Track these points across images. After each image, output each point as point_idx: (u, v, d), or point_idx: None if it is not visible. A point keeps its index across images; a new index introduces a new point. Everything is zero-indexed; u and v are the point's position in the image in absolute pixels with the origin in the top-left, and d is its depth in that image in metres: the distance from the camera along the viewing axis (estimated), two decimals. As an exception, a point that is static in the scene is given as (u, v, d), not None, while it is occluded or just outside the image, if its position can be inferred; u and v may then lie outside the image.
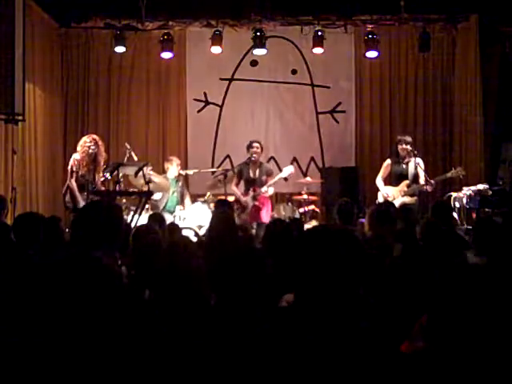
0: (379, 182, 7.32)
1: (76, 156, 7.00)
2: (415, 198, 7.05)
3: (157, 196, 7.51)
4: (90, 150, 6.93)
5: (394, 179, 7.25)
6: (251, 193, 7.56)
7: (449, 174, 7.25)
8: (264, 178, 7.65)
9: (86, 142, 6.98)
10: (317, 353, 1.55)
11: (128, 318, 1.78)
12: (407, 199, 7.01)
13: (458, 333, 1.77)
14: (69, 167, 7.03)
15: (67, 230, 4.94)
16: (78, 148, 7.05)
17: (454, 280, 1.88)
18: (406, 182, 7.07)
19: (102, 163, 7.07)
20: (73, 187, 6.92)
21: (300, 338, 1.59)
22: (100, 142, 7.09)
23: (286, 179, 8.14)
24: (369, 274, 1.76)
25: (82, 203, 6.75)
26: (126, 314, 1.76)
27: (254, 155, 7.60)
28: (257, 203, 7.54)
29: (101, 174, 6.94)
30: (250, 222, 7.45)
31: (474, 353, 1.73)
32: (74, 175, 6.93)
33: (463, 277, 1.87)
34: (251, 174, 7.66)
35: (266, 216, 7.57)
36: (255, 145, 7.67)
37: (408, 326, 2.21)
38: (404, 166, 7.13)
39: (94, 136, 7.16)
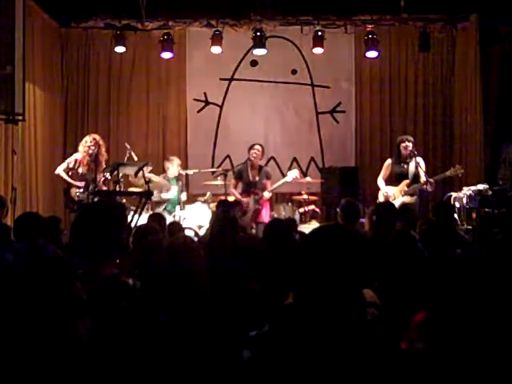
0: (380, 182, 7.32)
1: (77, 156, 7.09)
2: (415, 197, 7.05)
3: (167, 195, 7.60)
4: (90, 151, 7.01)
5: (394, 179, 7.26)
6: (253, 196, 7.53)
7: (448, 173, 7.25)
8: (264, 181, 7.65)
9: (86, 142, 7.09)
10: (321, 350, 1.56)
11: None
12: (407, 199, 7.01)
13: (460, 330, 1.77)
14: (66, 160, 7.14)
15: (65, 231, 4.96)
16: (80, 148, 7.15)
17: (454, 278, 1.88)
18: (407, 181, 7.07)
19: (103, 163, 7.13)
20: (60, 174, 7.08)
21: (303, 337, 1.59)
22: (101, 142, 7.16)
23: (287, 180, 8.15)
24: (374, 273, 1.76)
25: (77, 184, 6.86)
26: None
27: (254, 155, 7.59)
28: (259, 206, 7.54)
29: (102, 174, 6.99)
30: (251, 223, 7.45)
31: (475, 351, 1.73)
32: (66, 169, 7.05)
33: (463, 274, 1.87)
34: (251, 178, 7.64)
35: (265, 215, 7.58)
36: (256, 147, 7.68)
37: (407, 323, 2.22)
38: (405, 165, 7.13)
39: (95, 136, 7.23)
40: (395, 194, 7.08)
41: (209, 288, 2.21)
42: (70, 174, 7.10)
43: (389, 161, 7.40)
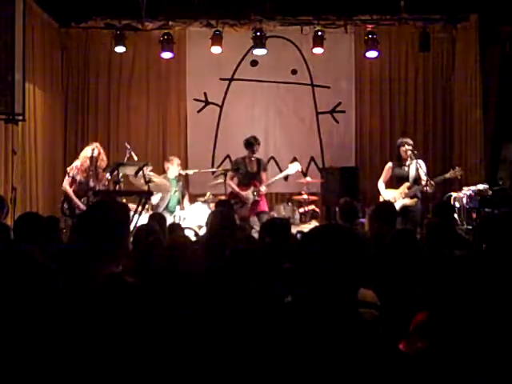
0: (380, 185, 7.30)
1: (77, 163, 7.08)
2: (416, 199, 7.04)
3: (154, 199, 7.44)
4: (89, 161, 7.01)
5: (395, 182, 7.24)
6: (253, 188, 7.55)
7: (447, 175, 7.24)
8: (261, 172, 7.70)
9: (87, 151, 7.07)
10: (318, 351, 1.56)
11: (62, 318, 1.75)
12: (408, 201, 7.00)
13: (460, 330, 1.77)
14: (67, 169, 7.13)
15: (64, 230, 4.95)
16: (81, 154, 7.13)
17: (454, 277, 1.88)
18: (407, 184, 7.06)
19: (101, 174, 7.11)
20: (66, 190, 6.94)
21: (301, 337, 1.59)
22: (101, 151, 7.14)
23: (286, 178, 8.16)
24: (369, 274, 1.76)
25: (80, 206, 6.82)
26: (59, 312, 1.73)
27: (258, 149, 7.67)
28: (257, 198, 7.57)
29: (102, 183, 6.98)
30: (249, 215, 7.47)
31: (476, 350, 1.73)
32: (69, 179, 6.98)
33: (463, 274, 1.87)
34: (249, 169, 7.66)
35: (264, 206, 7.62)
36: (258, 142, 7.77)
37: (407, 323, 2.22)
38: (405, 168, 7.11)
39: (97, 144, 7.21)
40: (396, 197, 7.06)
41: (205, 288, 2.21)
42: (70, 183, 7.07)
43: (389, 164, 7.38)
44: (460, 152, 9.13)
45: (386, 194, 7.17)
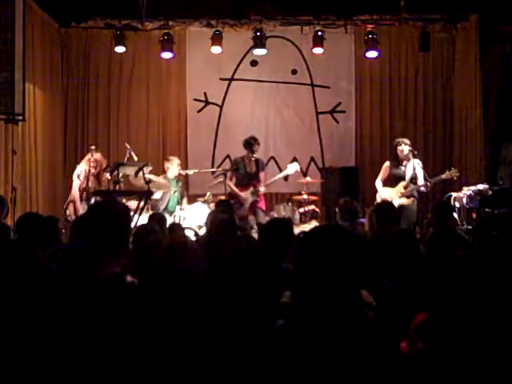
0: (378, 183, 7.33)
1: (81, 167, 7.18)
2: (412, 199, 7.06)
3: (157, 195, 7.48)
4: (93, 170, 7.10)
5: (392, 181, 7.26)
6: (252, 188, 7.57)
7: (443, 176, 7.27)
8: (259, 172, 7.72)
9: (90, 161, 7.19)
10: (318, 351, 1.55)
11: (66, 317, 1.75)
12: (404, 200, 7.01)
13: (460, 329, 1.77)
14: (76, 172, 7.22)
15: (63, 230, 4.95)
16: (83, 161, 7.25)
17: (455, 278, 1.88)
18: (403, 183, 7.07)
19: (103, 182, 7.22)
20: (75, 195, 7.11)
21: (301, 337, 1.59)
22: (103, 162, 7.26)
23: (286, 178, 8.15)
24: (369, 274, 1.76)
25: (80, 211, 6.93)
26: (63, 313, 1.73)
27: (258, 149, 7.68)
28: (256, 198, 7.59)
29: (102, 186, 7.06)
30: (248, 214, 7.48)
31: (476, 349, 1.73)
32: (79, 182, 7.10)
33: (463, 274, 1.87)
34: (248, 169, 7.67)
35: (261, 205, 7.64)
36: (258, 142, 7.79)
37: (406, 324, 2.22)
38: (403, 167, 7.13)
39: (97, 156, 7.32)
40: (392, 196, 7.08)
41: (205, 288, 2.21)
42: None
43: (387, 163, 7.41)
44: (460, 152, 9.13)
45: (383, 193, 7.19)
